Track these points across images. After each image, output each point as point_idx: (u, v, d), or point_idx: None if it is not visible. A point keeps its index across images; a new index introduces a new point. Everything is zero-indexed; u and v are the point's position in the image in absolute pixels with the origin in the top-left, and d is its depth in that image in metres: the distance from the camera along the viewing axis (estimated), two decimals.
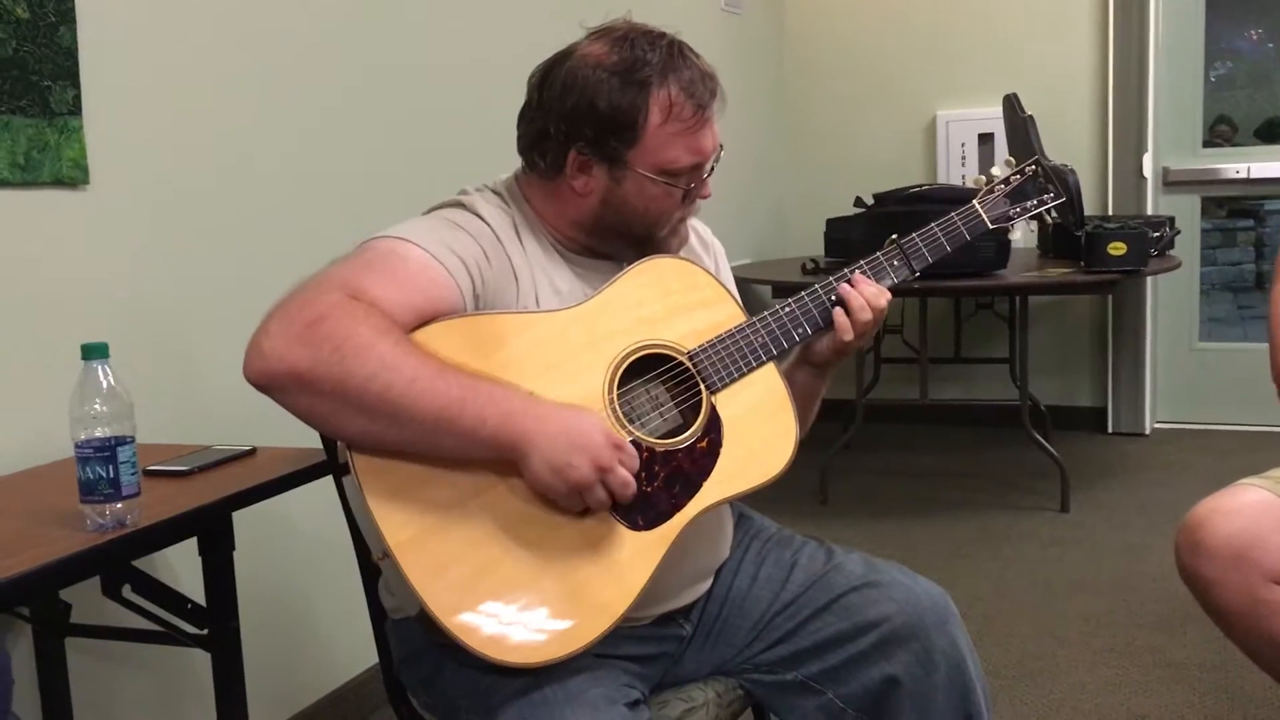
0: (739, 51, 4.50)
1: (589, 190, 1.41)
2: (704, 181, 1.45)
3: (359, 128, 2.41)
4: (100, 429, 1.30)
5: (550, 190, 1.44)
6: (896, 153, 4.76)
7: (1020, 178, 1.58)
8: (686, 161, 1.40)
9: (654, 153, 1.38)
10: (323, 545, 2.18)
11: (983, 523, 3.58)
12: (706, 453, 1.35)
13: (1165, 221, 3.95)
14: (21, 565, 1.22)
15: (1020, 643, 2.69)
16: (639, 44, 1.38)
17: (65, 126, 1.76)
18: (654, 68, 1.36)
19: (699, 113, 1.39)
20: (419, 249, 1.31)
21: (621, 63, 1.37)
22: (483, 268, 1.36)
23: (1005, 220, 1.57)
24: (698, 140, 1.40)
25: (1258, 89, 4.60)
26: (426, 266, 1.30)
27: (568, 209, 1.44)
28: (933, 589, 1.48)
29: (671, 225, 1.46)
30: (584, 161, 1.40)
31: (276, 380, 1.19)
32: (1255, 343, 4.58)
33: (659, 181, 1.40)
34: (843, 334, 1.46)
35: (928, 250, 1.53)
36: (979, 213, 1.56)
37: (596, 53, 1.39)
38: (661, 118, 1.37)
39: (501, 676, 1.27)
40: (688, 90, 1.38)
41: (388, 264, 1.29)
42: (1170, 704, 2.37)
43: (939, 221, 1.54)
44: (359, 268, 1.28)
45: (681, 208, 1.45)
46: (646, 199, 1.41)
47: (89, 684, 1.81)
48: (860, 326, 1.47)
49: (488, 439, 1.21)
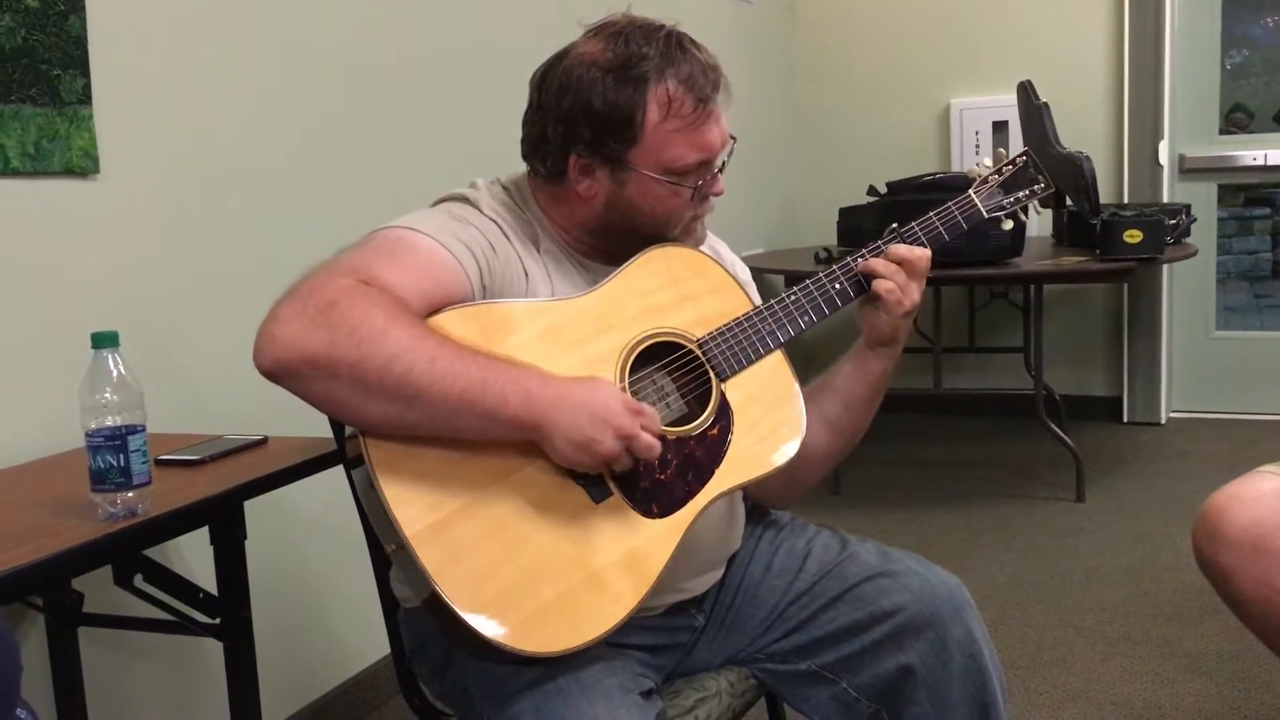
0: (750, 41, 4.48)
1: (593, 194, 1.39)
2: (715, 178, 1.42)
3: (371, 118, 2.40)
4: (111, 418, 1.30)
5: (555, 194, 1.42)
6: (910, 141, 4.74)
7: (1012, 168, 1.58)
8: (692, 159, 1.36)
9: (656, 152, 1.35)
10: (334, 535, 2.18)
11: (997, 513, 3.56)
12: (717, 440, 1.35)
13: (1181, 209, 3.92)
14: (33, 554, 1.22)
15: (1036, 633, 2.68)
16: (634, 39, 1.34)
17: (75, 115, 1.75)
18: (650, 63, 1.33)
19: (700, 107, 1.35)
20: (427, 237, 1.30)
21: (616, 59, 1.33)
22: (490, 258, 1.34)
23: (999, 210, 1.57)
24: (702, 136, 1.36)
25: (1274, 76, 4.57)
26: (435, 253, 1.29)
27: (574, 213, 1.42)
28: (948, 578, 1.47)
29: (684, 225, 1.43)
30: (586, 165, 1.37)
31: (291, 366, 1.17)
32: (1272, 331, 4.56)
33: (664, 181, 1.37)
34: (887, 295, 1.44)
35: (927, 239, 1.51)
36: (975, 203, 1.55)
37: (592, 51, 1.36)
38: (661, 115, 1.34)
39: (515, 666, 1.27)
40: (687, 84, 1.34)
41: (397, 251, 1.28)
42: (1187, 694, 2.35)
43: (937, 211, 1.53)
44: (369, 254, 1.27)
45: (693, 206, 1.42)
46: (653, 200, 1.38)
47: (101, 673, 1.81)
48: (897, 278, 1.44)
49: (509, 419, 1.20)
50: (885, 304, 1.45)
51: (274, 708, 2.09)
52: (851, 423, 1.53)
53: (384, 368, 1.17)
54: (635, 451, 1.23)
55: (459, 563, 1.19)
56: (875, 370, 1.51)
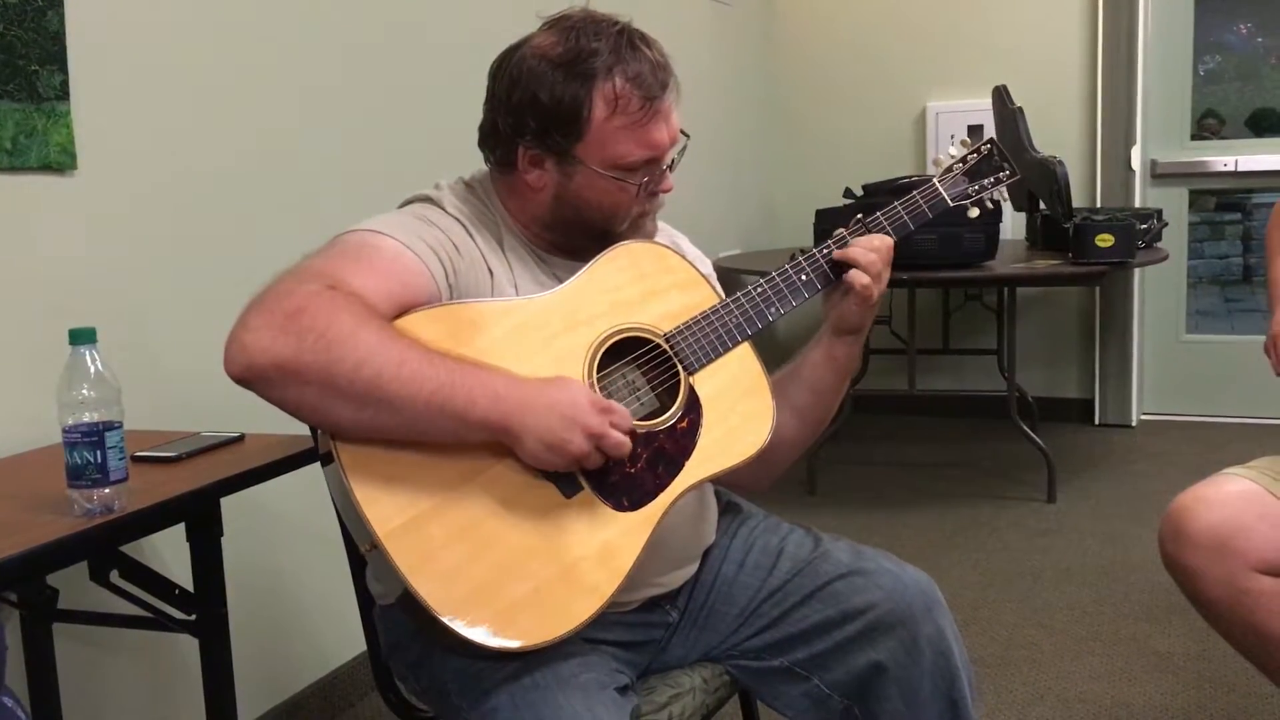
0: (728, 43, 4.50)
1: (542, 185, 1.40)
2: (664, 175, 1.43)
3: (353, 113, 2.40)
4: (88, 414, 1.30)
5: (510, 185, 1.44)
6: (886, 144, 4.76)
7: (977, 156, 1.59)
8: (638, 156, 1.37)
9: (602, 147, 1.36)
10: (311, 532, 2.18)
11: (970, 513, 3.59)
12: (687, 432, 1.36)
13: (1153, 214, 3.96)
14: (8, 550, 1.22)
15: (1006, 631, 2.71)
16: (585, 34, 1.35)
17: (53, 111, 1.75)
18: (600, 59, 1.34)
19: (648, 105, 1.35)
20: (391, 239, 1.31)
21: (566, 54, 1.35)
22: (453, 258, 1.36)
23: (964, 199, 1.58)
24: (649, 134, 1.37)
25: (1246, 82, 4.62)
26: (400, 255, 1.30)
27: (527, 204, 1.43)
28: (919, 576, 1.49)
29: (630, 220, 1.44)
30: (535, 156, 1.38)
31: (261, 373, 1.18)
32: (1242, 335, 4.60)
33: (610, 177, 1.38)
34: (862, 287, 1.45)
35: (892, 228, 1.52)
36: (939, 191, 1.56)
37: (544, 44, 1.37)
38: (607, 111, 1.35)
39: (491, 662, 1.28)
40: (635, 82, 1.35)
41: (362, 254, 1.29)
42: (1154, 693, 2.38)
43: (902, 200, 1.54)
44: (334, 258, 1.29)
45: (640, 202, 1.42)
46: (600, 194, 1.39)
47: (76, 670, 1.81)
48: (873, 268, 1.45)
49: (478, 421, 1.22)
50: (859, 293, 1.46)
51: (250, 704, 2.09)
52: (820, 408, 1.55)
53: (352, 373, 1.18)
54: (605, 450, 1.25)
55: (432, 561, 1.20)
56: (842, 356, 1.53)
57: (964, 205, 1.58)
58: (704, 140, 4.17)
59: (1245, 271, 4.67)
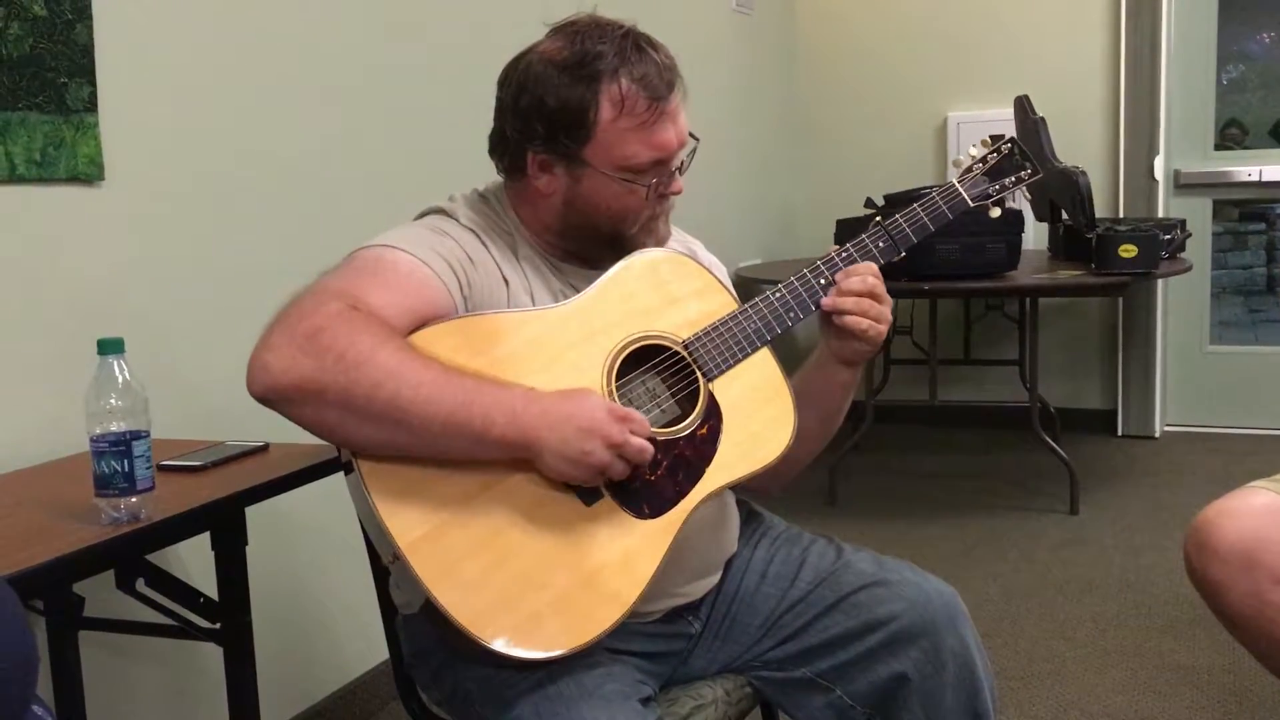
0: (749, 52, 4.50)
1: (552, 190, 1.41)
2: (673, 177, 1.43)
3: (376, 124, 2.41)
4: (115, 423, 1.32)
5: (521, 192, 1.45)
6: (907, 154, 4.76)
7: (997, 156, 1.58)
8: (646, 157, 1.37)
9: (610, 149, 1.36)
10: (334, 541, 2.19)
11: (991, 524, 3.58)
12: (707, 439, 1.36)
13: (1176, 224, 3.94)
14: (36, 558, 1.24)
15: (1028, 644, 2.69)
16: (590, 37, 1.36)
17: (81, 123, 1.77)
18: (605, 61, 1.34)
19: (654, 106, 1.36)
20: (406, 254, 1.32)
21: (571, 57, 1.35)
22: (468, 270, 1.36)
23: (985, 198, 1.55)
24: (656, 135, 1.37)
25: (1269, 91, 4.59)
26: (415, 269, 1.31)
27: (539, 211, 1.44)
28: (943, 588, 1.48)
29: (641, 223, 1.44)
30: (544, 161, 1.39)
31: (282, 393, 1.20)
32: (1266, 346, 4.57)
33: (619, 179, 1.38)
34: (861, 333, 1.43)
35: (911, 230, 1.50)
36: (959, 191, 1.55)
37: (550, 49, 1.38)
38: (614, 113, 1.35)
39: (515, 671, 1.28)
40: (641, 83, 1.35)
41: (379, 270, 1.30)
42: (1179, 707, 2.36)
43: (921, 201, 1.52)
44: (351, 276, 1.30)
45: (650, 205, 1.42)
46: (609, 197, 1.39)
47: (101, 677, 1.82)
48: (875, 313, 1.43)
49: (496, 440, 1.22)
50: (864, 337, 1.44)
51: (273, 712, 2.09)
52: (828, 425, 1.55)
53: (370, 393, 1.19)
54: (627, 457, 1.25)
55: (454, 571, 1.21)
56: (848, 380, 1.52)
57: (985, 205, 1.56)
58: (724, 149, 4.20)
59: (1269, 282, 4.64)
